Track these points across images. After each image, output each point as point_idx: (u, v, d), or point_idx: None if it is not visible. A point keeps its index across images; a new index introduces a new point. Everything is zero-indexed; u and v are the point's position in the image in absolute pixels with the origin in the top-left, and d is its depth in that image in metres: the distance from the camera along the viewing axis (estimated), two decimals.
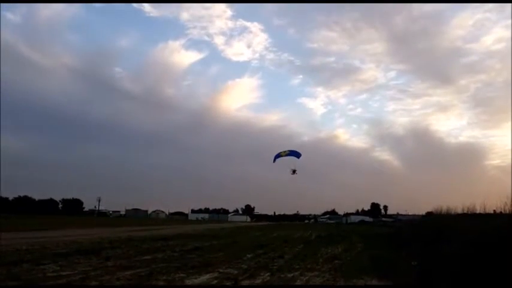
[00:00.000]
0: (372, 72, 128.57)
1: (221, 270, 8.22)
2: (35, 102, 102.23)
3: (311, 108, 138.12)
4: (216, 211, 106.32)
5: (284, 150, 19.39)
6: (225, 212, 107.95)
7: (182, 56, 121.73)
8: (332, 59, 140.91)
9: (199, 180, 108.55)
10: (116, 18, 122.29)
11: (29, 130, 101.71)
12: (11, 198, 77.44)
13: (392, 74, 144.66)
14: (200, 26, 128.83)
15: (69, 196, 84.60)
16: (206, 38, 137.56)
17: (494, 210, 11.61)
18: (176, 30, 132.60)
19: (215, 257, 10.55)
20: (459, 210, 14.50)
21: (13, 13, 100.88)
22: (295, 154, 19.29)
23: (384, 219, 75.88)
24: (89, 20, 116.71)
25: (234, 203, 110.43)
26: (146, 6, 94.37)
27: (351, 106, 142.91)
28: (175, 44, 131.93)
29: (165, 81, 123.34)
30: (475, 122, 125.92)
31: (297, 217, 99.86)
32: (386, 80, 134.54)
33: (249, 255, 11.23)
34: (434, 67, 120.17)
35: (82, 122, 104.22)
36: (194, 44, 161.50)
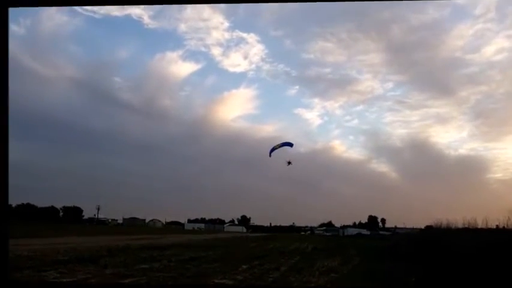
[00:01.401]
0: (369, 83, 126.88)
1: (216, 281, 8.26)
2: (38, 112, 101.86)
3: (307, 119, 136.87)
4: (212, 221, 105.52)
5: (277, 144, 19.31)
6: (221, 222, 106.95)
7: (180, 67, 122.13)
8: (328, 69, 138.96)
9: (196, 190, 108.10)
10: (116, 30, 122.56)
11: (32, 139, 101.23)
12: (14, 205, 77.41)
13: (389, 85, 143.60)
14: (197, 37, 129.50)
15: (69, 204, 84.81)
16: (203, 49, 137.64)
17: (496, 226, 11.22)
18: (174, 41, 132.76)
19: (211, 268, 10.55)
20: (460, 225, 13.97)
21: (18, 25, 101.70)
22: (288, 144, 19.51)
23: (381, 232, 73.33)
24: (90, 31, 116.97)
25: (230, 214, 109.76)
26: (145, 17, 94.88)
27: (347, 117, 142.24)
28: (173, 55, 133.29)
29: (163, 92, 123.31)
30: (476, 134, 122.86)
31: (293, 228, 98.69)
32: (383, 91, 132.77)
33: (244, 266, 11.16)
34: (433, 78, 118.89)
35: (83, 131, 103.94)
36: (191, 55, 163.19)
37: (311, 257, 16.48)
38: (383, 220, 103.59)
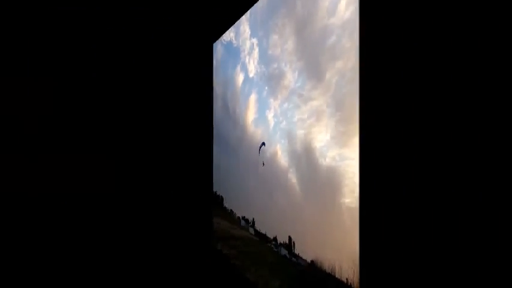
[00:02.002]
0: (288, 76, 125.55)
1: (245, 276, 25.10)
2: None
3: (269, 121, 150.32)
4: (245, 220, 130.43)
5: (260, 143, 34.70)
6: (247, 222, 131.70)
7: (238, 78, 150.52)
8: (275, 64, 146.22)
9: (241, 190, 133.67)
10: (228, 52, 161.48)
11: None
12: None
13: (296, 74, 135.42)
14: (242, 50, 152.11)
15: (221, 193, 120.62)
16: (243, 60, 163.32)
17: (346, 279, 18.43)
18: (237, 55, 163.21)
19: (246, 264, 29.71)
20: (326, 268, 18.77)
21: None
22: (263, 144, 33.70)
23: (293, 258, 75.41)
24: (222, 55, 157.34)
25: (250, 215, 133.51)
26: (233, 38, 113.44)
27: (280, 118, 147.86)
28: (237, 69, 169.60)
29: (234, 100, 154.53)
30: (334, 136, 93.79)
31: (266, 238, 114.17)
32: (294, 82, 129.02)
33: (253, 269, 29.98)
34: (314, 59, 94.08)
35: (221, 136, 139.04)
36: (242, 67, 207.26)
37: (271, 271, 32.89)
38: (293, 244, 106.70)
